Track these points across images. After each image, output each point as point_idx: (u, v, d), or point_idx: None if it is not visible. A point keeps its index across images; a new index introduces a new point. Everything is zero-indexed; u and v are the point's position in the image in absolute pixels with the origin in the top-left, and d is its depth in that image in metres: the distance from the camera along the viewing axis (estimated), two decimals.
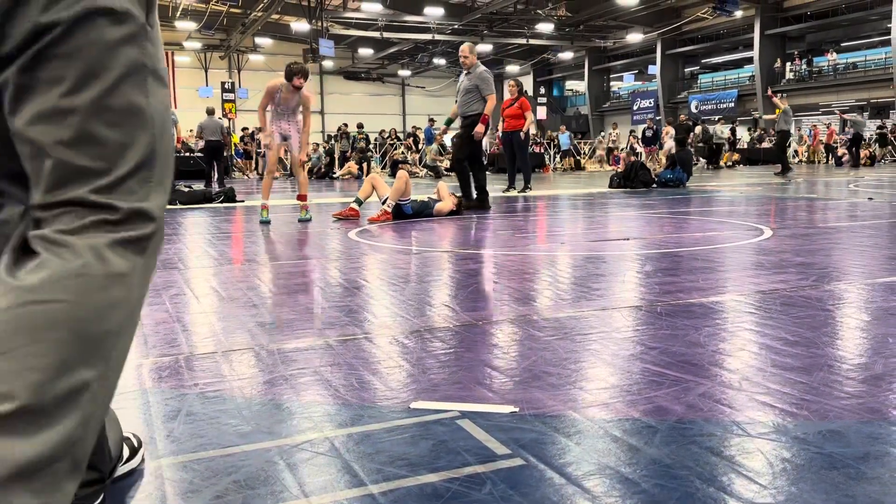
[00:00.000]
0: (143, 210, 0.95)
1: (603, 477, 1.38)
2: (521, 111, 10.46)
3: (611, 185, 11.83)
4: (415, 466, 1.43)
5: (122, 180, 0.94)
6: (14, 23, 0.88)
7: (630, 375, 1.98)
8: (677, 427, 1.61)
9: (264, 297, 3.18)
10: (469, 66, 7.73)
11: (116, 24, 0.93)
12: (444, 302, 3.03)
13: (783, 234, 5.15)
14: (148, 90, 0.97)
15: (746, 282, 3.34)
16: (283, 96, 6.52)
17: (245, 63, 39.44)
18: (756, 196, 9.37)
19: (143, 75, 0.97)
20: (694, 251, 4.39)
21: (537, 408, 1.74)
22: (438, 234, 5.67)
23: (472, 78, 7.67)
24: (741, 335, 2.39)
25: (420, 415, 1.71)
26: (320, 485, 1.37)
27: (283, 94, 6.52)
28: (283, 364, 2.15)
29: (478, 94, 7.69)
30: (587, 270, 3.80)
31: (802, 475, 1.36)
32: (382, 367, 2.11)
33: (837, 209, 7.36)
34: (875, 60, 28.82)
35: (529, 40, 32.95)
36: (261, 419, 1.71)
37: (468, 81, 7.66)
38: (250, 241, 5.42)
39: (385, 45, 35.28)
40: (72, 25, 0.90)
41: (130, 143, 0.95)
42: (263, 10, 27.96)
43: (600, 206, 8.27)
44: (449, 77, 44.75)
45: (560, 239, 5.26)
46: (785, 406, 1.72)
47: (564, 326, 2.55)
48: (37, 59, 0.89)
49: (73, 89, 0.91)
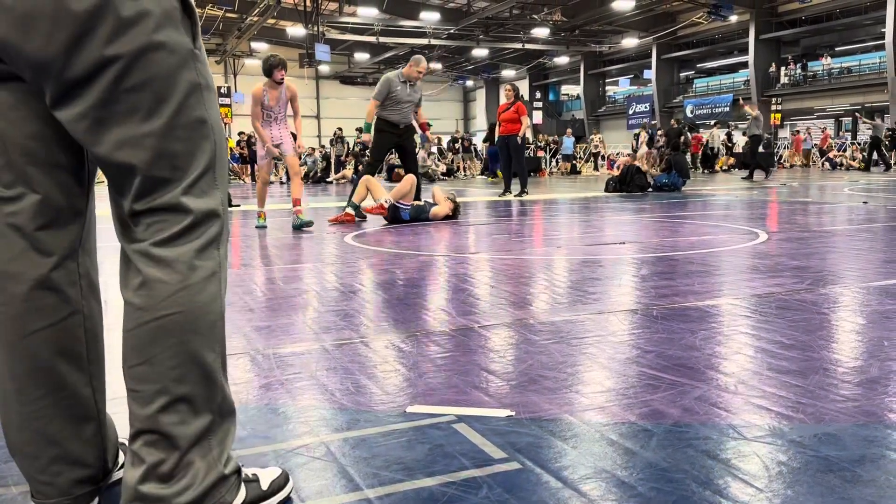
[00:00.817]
0: (212, 211, 1.15)
1: (599, 480, 1.38)
2: (517, 115, 10.48)
3: (606, 189, 11.84)
4: (411, 471, 1.43)
5: (195, 182, 1.12)
6: (79, 54, 1.01)
7: (626, 379, 1.98)
8: (673, 430, 1.61)
9: (260, 301, 3.17)
10: (417, 80, 7.64)
11: (172, 54, 1.08)
12: (440, 306, 3.03)
13: (778, 238, 5.17)
14: (206, 104, 1.13)
15: (742, 285, 3.35)
16: (270, 95, 6.42)
17: (241, 68, 39.43)
18: (751, 200, 9.39)
19: (200, 92, 1.12)
20: (689, 255, 4.40)
21: (533, 411, 1.74)
22: (434, 238, 5.67)
23: (416, 90, 7.60)
24: (737, 339, 2.39)
25: (416, 419, 1.71)
26: (316, 489, 1.37)
27: (270, 94, 6.42)
28: (278, 368, 2.14)
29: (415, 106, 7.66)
30: (583, 274, 3.80)
31: (798, 478, 1.37)
32: (378, 371, 2.10)
33: (832, 213, 7.38)
34: (869, 65, 28.93)
35: (525, 45, 33.00)
36: (256, 423, 1.70)
37: (414, 94, 7.55)
38: (246, 245, 5.41)
39: (381, 49, 35.31)
40: (135, 59, 1.04)
41: (198, 151, 1.13)
42: (259, 15, 27.96)
43: (596, 210, 8.29)
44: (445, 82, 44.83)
45: (556, 243, 5.27)
46: (781, 409, 1.72)
47: (561, 330, 2.55)
48: (111, 94, 1.04)
49: (147, 116, 1.07)
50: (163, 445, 1.09)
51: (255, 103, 6.42)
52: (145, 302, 1.09)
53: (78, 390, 1.19)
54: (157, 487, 1.08)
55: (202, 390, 1.12)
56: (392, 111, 7.34)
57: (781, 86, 31.07)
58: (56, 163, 1.13)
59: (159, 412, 1.09)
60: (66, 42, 1.00)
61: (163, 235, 1.10)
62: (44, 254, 1.14)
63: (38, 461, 1.17)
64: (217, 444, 1.14)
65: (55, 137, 1.12)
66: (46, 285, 1.14)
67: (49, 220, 1.14)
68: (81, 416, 1.20)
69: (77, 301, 1.18)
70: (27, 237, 1.12)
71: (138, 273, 1.10)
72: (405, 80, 7.37)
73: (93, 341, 1.22)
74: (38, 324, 1.14)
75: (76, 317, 1.18)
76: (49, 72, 1.03)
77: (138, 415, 1.10)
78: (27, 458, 1.17)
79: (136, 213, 1.11)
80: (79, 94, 1.04)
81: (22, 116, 1.09)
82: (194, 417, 1.11)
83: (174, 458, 1.09)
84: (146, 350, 1.09)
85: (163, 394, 1.09)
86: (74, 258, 1.18)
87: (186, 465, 1.10)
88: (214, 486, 1.13)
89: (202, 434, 1.12)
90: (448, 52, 38.41)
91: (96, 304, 1.23)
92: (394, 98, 7.30)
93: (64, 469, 1.18)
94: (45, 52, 1.01)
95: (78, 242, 1.18)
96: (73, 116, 1.05)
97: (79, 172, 1.17)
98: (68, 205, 1.16)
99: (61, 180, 1.14)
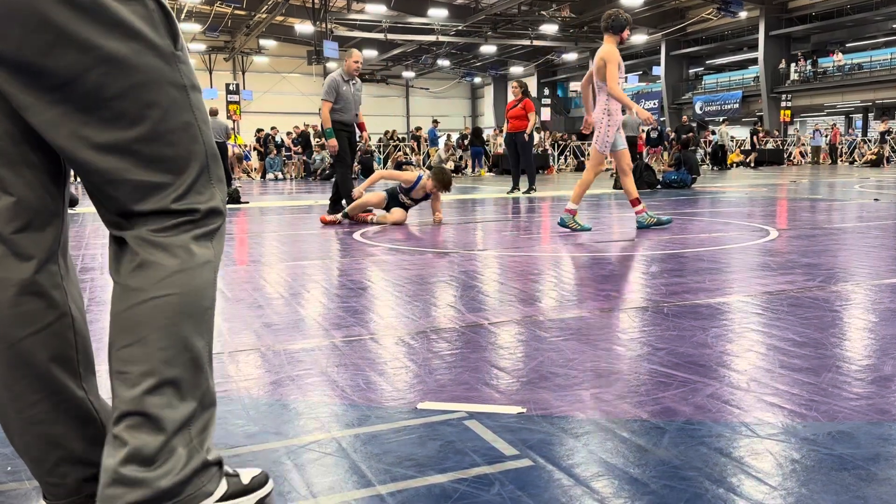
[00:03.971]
0: (214, 208, 1.15)
1: (611, 478, 1.37)
2: (524, 112, 10.45)
3: (615, 186, 11.81)
4: (423, 467, 1.43)
5: (191, 186, 1.11)
6: (58, 58, 0.99)
7: (637, 376, 1.98)
8: (686, 428, 1.60)
9: (270, 297, 3.18)
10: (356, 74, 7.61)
11: (154, 58, 1.06)
12: (450, 302, 3.03)
13: (789, 235, 5.14)
14: (192, 105, 1.12)
15: (753, 283, 3.33)
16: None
17: (249, 65, 39.53)
18: (761, 197, 9.35)
19: (185, 93, 1.10)
20: (700, 252, 4.38)
21: (544, 408, 1.74)
22: (443, 235, 5.67)
23: (359, 87, 7.57)
24: (748, 336, 2.38)
25: (427, 415, 1.71)
26: (328, 485, 1.37)
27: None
28: (289, 364, 2.15)
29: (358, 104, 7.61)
30: (593, 271, 3.79)
31: (812, 476, 1.36)
32: (389, 367, 2.10)
33: (843, 210, 7.33)
34: (880, 61, 28.72)
35: (533, 41, 32.90)
36: (268, 419, 1.71)
37: (358, 91, 7.52)
38: (255, 242, 5.43)
39: (389, 46, 35.28)
40: (116, 63, 1.02)
41: (189, 154, 1.11)
42: (268, 12, 28.01)
43: (605, 207, 8.26)
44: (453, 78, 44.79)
45: (565, 239, 5.25)
46: (794, 407, 1.71)
47: (570, 327, 2.54)
48: (92, 99, 1.02)
49: (133, 123, 1.05)
50: (147, 428, 1.06)
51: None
52: (141, 283, 1.08)
53: (73, 393, 1.17)
54: (138, 470, 1.06)
55: (189, 376, 1.11)
56: (343, 112, 7.38)
57: (791, 82, 30.88)
58: (29, 163, 1.09)
59: (146, 394, 1.07)
60: (43, 45, 0.98)
61: (162, 225, 1.10)
62: (23, 258, 1.10)
63: (44, 464, 1.16)
64: (196, 434, 1.12)
65: (26, 136, 1.08)
66: (31, 290, 1.11)
67: (25, 222, 1.10)
68: (81, 417, 1.18)
69: (63, 304, 1.15)
70: (4, 241, 1.09)
71: (135, 256, 1.09)
72: (348, 77, 7.43)
73: (82, 343, 1.19)
74: (26, 330, 1.11)
75: (65, 319, 1.15)
76: (25, 75, 0.99)
77: (124, 397, 1.07)
78: (33, 461, 1.17)
79: (133, 215, 1.10)
80: (57, 99, 1.01)
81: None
82: (180, 402, 1.09)
83: (159, 442, 1.07)
84: (137, 330, 1.07)
85: (151, 375, 1.07)
86: (55, 260, 1.15)
87: (170, 450, 1.08)
88: (196, 474, 1.11)
89: (186, 421, 1.10)
90: (456, 49, 38.34)
91: (81, 305, 1.21)
92: (342, 97, 7.35)
93: (70, 470, 1.17)
94: (22, 54, 0.98)
95: (57, 245, 1.15)
96: (49, 121, 1.02)
97: (53, 172, 1.13)
98: (44, 206, 1.12)
99: (36, 181, 1.11)
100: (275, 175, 20.56)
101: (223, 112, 19.54)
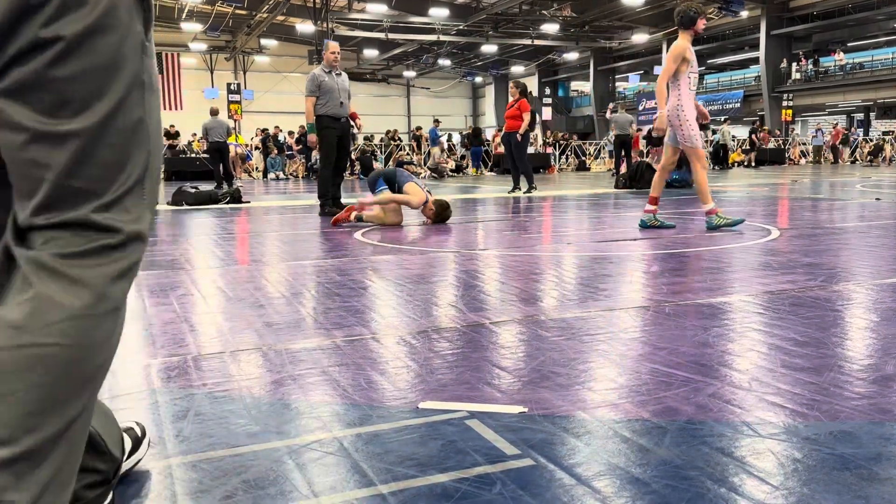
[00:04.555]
0: (139, 233, 0.95)
1: (613, 477, 1.37)
2: (519, 112, 10.39)
3: (616, 186, 11.81)
4: (424, 466, 1.43)
5: (120, 199, 0.92)
6: (15, 36, 0.85)
7: (639, 376, 1.97)
8: (687, 427, 1.60)
9: (271, 297, 3.18)
10: (335, 64, 7.59)
11: (121, 42, 0.90)
12: (451, 302, 3.03)
13: (791, 234, 5.13)
14: (146, 105, 0.96)
15: (754, 282, 3.33)
16: None
17: (250, 64, 39.53)
18: (763, 196, 9.34)
19: (142, 91, 0.95)
20: (701, 251, 4.38)
21: (546, 408, 1.74)
22: (444, 235, 5.67)
23: (344, 78, 7.59)
24: (750, 335, 2.38)
25: (428, 415, 1.71)
26: (330, 484, 1.37)
27: None
28: (290, 364, 2.15)
29: (348, 96, 7.62)
30: (594, 271, 3.79)
31: (814, 476, 1.36)
32: (390, 367, 2.10)
33: (845, 209, 7.33)
34: (882, 60, 28.71)
35: (534, 41, 32.89)
36: (269, 419, 1.71)
37: (343, 81, 7.53)
38: (256, 241, 5.43)
39: (390, 46, 35.29)
40: (75, 43, 0.86)
41: (128, 161, 0.93)
42: (269, 12, 28.01)
43: (606, 207, 8.26)
44: (454, 78, 44.78)
45: (566, 239, 5.25)
46: (795, 406, 1.71)
47: (572, 327, 2.54)
48: (37, 79, 0.86)
49: (78, 111, 0.88)
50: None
51: None
52: (27, 321, 0.86)
53: None
54: None
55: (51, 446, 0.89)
56: (330, 105, 7.39)
57: (793, 82, 30.86)
58: None
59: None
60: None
61: (72, 249, 0.89)
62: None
63: None
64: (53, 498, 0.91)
65: None
66: None
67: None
68: None
69: None
70: None
71: (28, 286, 0.88)
72: (328, 69, 7.49)
73: None
74: None
75: None
76: None
77: None
78: None
79: (43, 226, 0.89)
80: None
81: None
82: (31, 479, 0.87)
83: None
84: (5, 382, 0.85)
85: (5, 444, 0.85)
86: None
87: None
88: None
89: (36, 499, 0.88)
90: (457, 49, 38.36)
91: None
92: (325, 89, 7.37)
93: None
94: None
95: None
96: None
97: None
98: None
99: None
100: (276, 174, 20.58)
101: (224, 112, 19.53)
